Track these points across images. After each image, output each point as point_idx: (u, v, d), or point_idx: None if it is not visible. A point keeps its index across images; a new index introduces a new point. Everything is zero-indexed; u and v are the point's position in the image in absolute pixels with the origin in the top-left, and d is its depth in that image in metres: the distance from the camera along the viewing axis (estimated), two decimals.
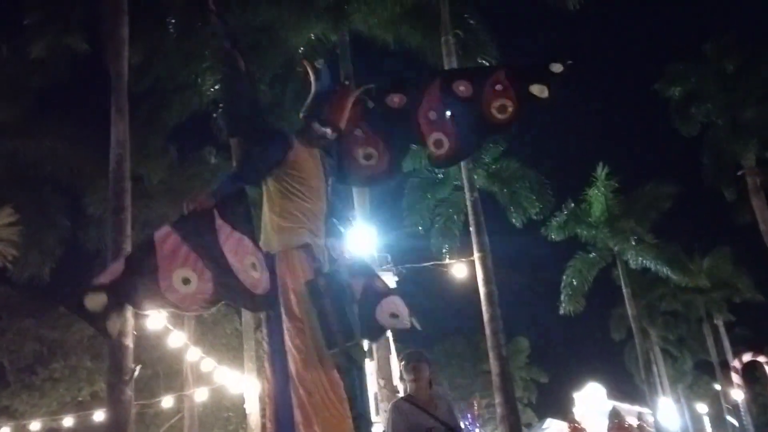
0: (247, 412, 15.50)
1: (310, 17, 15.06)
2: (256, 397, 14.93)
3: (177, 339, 13.93)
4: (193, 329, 18.36)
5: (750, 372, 25.32)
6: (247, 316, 16.16)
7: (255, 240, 3.77)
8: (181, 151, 19.22)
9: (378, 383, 13.87)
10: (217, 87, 15.03)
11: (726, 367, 28.66)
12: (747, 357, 13.37)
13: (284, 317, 3.58)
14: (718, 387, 35.35)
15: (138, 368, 9.08)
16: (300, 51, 15.52)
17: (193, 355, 15.43)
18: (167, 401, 17.30)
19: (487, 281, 12.78)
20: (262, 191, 3.98)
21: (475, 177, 15.07)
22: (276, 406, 3.52)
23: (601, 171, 25.39)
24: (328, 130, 3.96)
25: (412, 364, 4.34)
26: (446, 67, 14.40)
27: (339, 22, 15.24)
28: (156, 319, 12.24)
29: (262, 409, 3.87)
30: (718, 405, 35.75)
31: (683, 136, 25.61)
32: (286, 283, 3.64)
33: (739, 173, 24.82)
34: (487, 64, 16.17)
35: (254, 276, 3.61)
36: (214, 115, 15.78)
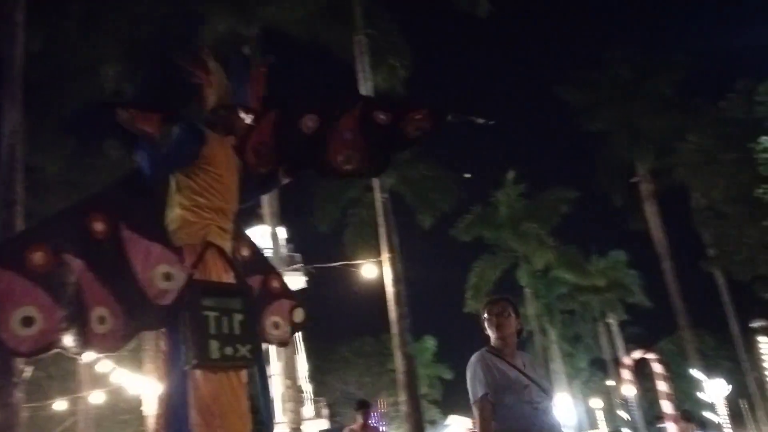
0: (144, 414, 14.99)
1: (221, 10, 14.74)
2: (155, 399, 14.48)
3: None
4: None
5: (640, 368, 26.67)
6: None
7: (167, 242, 3.50)
8: (81, 142, 18.36)
9: (284, 384, 13.72)
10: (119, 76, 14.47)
11: (618, 364, 30.08)
12: (637, 354, 14.19)
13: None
14: (611, 383, 37.15)
15: (29, 369, 8.61)
16: (209, 44, 15.14)
17: (89, 355, 14.75)
18: (60, 404, 16.47)
19: (396, 281, 12.91)
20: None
21: (386, 178, 15.17)
22: (169, 407, 3.24)
23: (511, 176, 26.18)
24: (251, 117, 3.84)
25: (496, 308, 3.71)
26: (358, 66, 14.45)
27: (251, 16, 14.98)
28: None
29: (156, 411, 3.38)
30: (611, 400, 37.61)
31: (584, 143, 26.76)
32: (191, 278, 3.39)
33: (633, 180, 26.16)
34: (399, 65, 16.37)
35: (161, 287, 3.38)
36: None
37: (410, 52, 16.48)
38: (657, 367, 13.12)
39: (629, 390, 28.76)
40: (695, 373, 24.27)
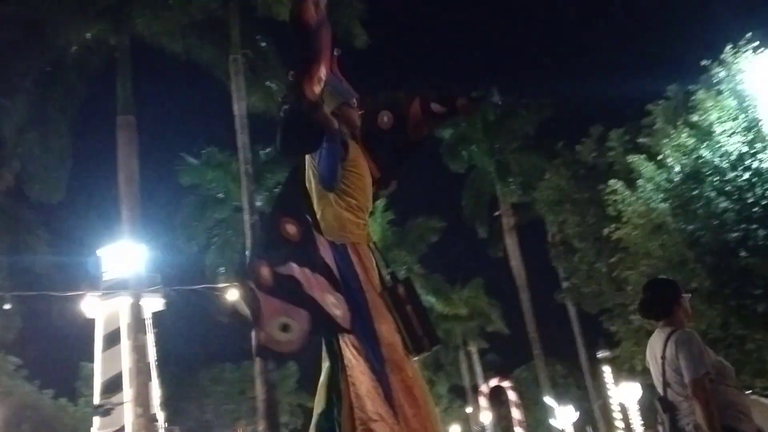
0: None
1: (88, 16, 13.98)
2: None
3: None
4: None
5: (496, 396, 27.75)
6: None
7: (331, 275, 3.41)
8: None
9: (135, 412, 12.96)
10: None
11: (476, 391, 31.04)
12: (494, 382, 14.66)
13: (372, 312, 3.35)
14: (469, 410, 38.22)
15: None
16: (72, 51, 14.33)
17: None
18: None
19: None
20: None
21: (257, 198, 14.91)
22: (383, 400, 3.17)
23: (379, 203, 26.52)
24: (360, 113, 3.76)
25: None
26: (232, 85, 14.18)
27: (119, 24, 14.32)
28: None
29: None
30: (468, 427, 38.64)
31: (452, 175, 27.78)
32: (360, 276, 3.44)
33: (496, 214, 27.39)
34: (275, 88, 16.23)
35: (337, 314, 3.30)
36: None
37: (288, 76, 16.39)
38: (512, 395, 13.60)
39: (486, 417, 29.76)
40: (548, 400, 25.50)
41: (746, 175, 10.04)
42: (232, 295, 14.19)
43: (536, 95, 27.23)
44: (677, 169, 10.68)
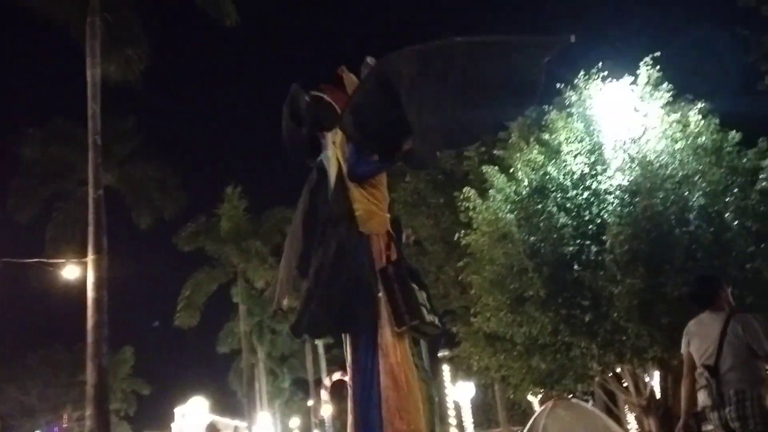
0: None
1: None
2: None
3: None
4: None
5: (338, 390, 28.03)
6: None
7: None
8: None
9: None
10: None
11: (319, 384, 31.18)
12: (336, 376, 14.72)
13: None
14: (310, 403, 38.33)
15: None
16: None
17: None
18: None
19: (99, 286, 11.90)
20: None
21: (104, 173, 14.03)
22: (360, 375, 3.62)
23: (232, 190, 25.95)
24: None
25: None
26: (87, 49, 13.31)
27: None
28: None
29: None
30: (309, 420, 38.76)
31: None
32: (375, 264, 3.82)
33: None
34: (135, 57, 15.41)
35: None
36: None
37: (150, 46, 15.59)
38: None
39: (326, 410, 29.98)
40: None
41: (585, 194, 10.80)
42: (71, 272, 13.30)
43: None
44: (525, 182, 11.27)
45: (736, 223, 9.88)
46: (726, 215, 9.96)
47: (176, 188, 18.18)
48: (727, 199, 10.07)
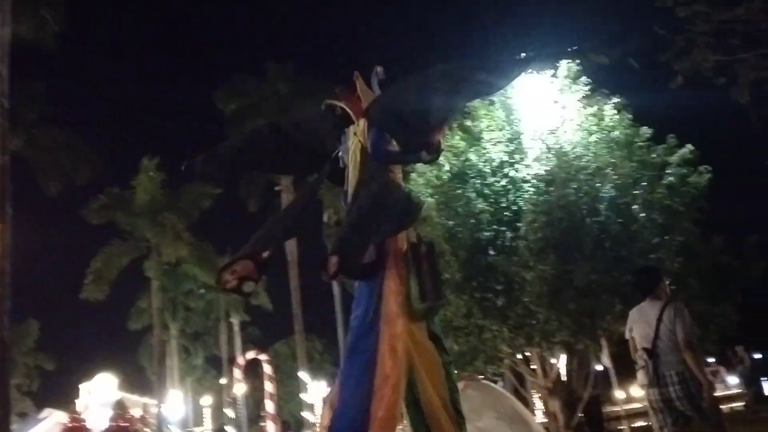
0: None
1: None
2: None
3: None
4: None
5: (252, 369, 27.80)
6: None
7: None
8: None
9: None
10: None
11: (232, 363, 30.84)
12: (251, 354, 14.55)
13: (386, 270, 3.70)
14: (223, 381, 37.86)
15: None
16: None
17: None
18: None
19: (2, 256, 11.34)
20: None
21: (12, 138, 13.31)
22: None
23: (149, 160, 25.16)
24: None
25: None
26: None
27: None
28: None
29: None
30: (221, 398, 38.30)
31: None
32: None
33: (276, 188, 27.32)
34: (50, 18, 14.72)
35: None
36: None
37: (66, 7, 14.88)
38: (267, 368, 13.71)
39: (239, 389, 29.71)
40: (302, 375, 26.11)
41: (503, 182, 11.05)
42: None
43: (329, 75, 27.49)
44: (446, 168, 11.42)
45: (643, 215, 10.32)
46: (634, 207, 10.39)
47: (88, 155, 17.48)
48: (635, 192, 10.50)
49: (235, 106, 25.30)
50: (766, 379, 18.68)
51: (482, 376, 15.14)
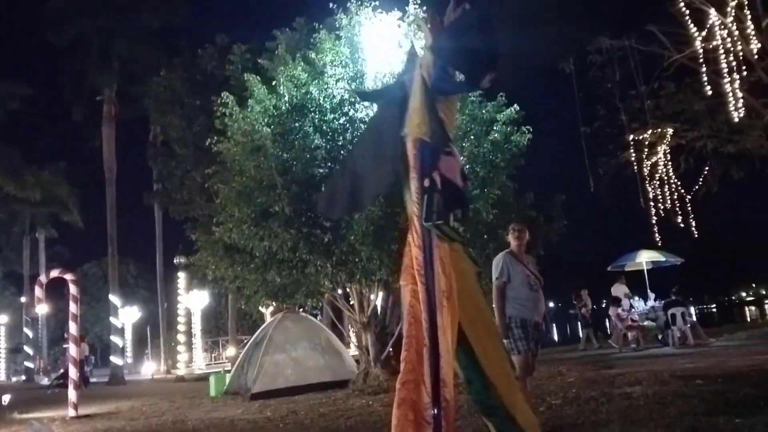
0: None
1: None
2: None
3: None
4: None
5: (57, 288, 26.15)
6: None
7: None
8: None
9: None
10: None
11: (35, 281, 28.88)
12: (55, 273, 13.61)
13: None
14: (24, 299, 35.32)
15: None
16: None
17: None
18: None
19: None
20: None
21: None
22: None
23: None
24: None
25: (517, 228, 6.07)
26: None
27: None
28: None
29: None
30: (20, 316, 35.74)
31: (56, 46, 24.77)
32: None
33: (98, 98, 25.40)
34: None
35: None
36: None
37: None
38: (73, 289, 12.95)
39: (41, 308, 27.91)
40: (112, 298, 24.97)
41: (342, 120, 11.07)
42: None
43: None
44: (286, 98, 11.20)
45: (467, 167, 10.85)
46: (461, 159, 10.89)
47: None
48: (464, 145, 10.99)
49: (56, 6, 23.09)
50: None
51: (302, 309, 15.46)
